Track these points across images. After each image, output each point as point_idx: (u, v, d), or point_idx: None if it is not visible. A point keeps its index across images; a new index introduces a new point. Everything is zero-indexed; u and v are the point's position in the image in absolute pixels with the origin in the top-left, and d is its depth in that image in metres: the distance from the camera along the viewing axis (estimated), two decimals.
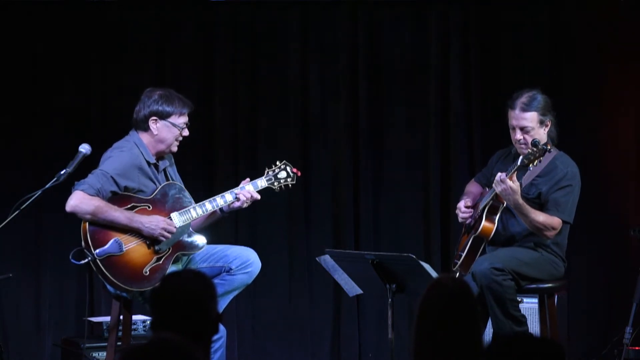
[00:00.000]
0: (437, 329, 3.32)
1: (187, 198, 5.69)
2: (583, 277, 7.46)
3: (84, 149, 5.59)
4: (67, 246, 5.56)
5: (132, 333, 5.88)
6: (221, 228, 6.83)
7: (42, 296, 7.16)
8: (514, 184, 5.61)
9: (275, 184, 5.87)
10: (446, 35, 7.55)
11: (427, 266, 5.25)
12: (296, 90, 7.47)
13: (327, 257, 5.54)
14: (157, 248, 5.55)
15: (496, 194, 5.75)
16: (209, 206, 5.68)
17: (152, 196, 5.61)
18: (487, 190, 5.98)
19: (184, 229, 5.62)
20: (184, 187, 5.73)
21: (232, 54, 7.42)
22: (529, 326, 5.82)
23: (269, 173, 5.88)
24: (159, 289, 3.41)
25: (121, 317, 5.68)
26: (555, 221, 5.74)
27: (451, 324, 3.32)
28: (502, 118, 5.94)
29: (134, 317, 6.05)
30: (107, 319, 6.07)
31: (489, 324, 5.69)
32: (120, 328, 5.69)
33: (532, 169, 5.67)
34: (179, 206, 5.65)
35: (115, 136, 5.82)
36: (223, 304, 5.57)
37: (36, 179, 6.50)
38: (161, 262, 5.55)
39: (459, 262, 5.88)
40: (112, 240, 5.46)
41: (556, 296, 5.95)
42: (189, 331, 3.20)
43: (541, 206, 5.78)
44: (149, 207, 5.58)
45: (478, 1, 7.55)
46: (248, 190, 5.73)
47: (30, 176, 6.95)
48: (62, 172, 5.50)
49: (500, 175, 5.64)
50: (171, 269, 5.54)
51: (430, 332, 3.33)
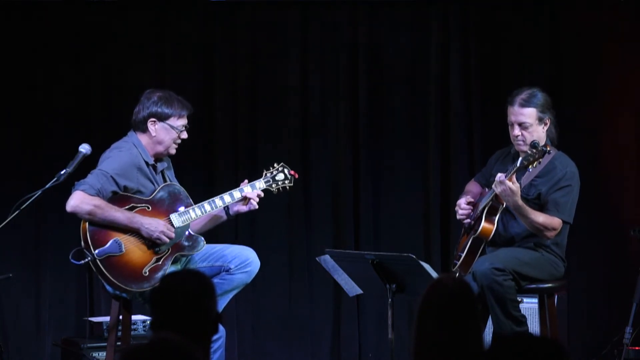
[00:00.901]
0: (437, 329, 3.32)
1: (187, 199, 5.69)
2: (583, 277, 7.46)
3: (84, 149, 5.59)
4: (67, 246, 5.56)
5: (132, 333, 5.88)
6: (221, 228, 6.80)
7: (42, 296, 7.16)
8: (513, 185, 5.60)
9: (274, 186, 5.87)
10: (446, 35, 7.54)
11: (427, 266, 5.25)
12: (296, 90, 7.47)
13: (327, 257, 5.54)
14: (156, 249, 5.55)
15: (496, 194, 5.75)
16: (208, 207, 5.68)
17: (152, 197, 5.61)
18: (487, 190, 5.97)
19: (183, 229, 5.62)
20: (183, 188, 5.72)
21: (232, 54, 7.41)
22: (529, 326, 5.81)
23: (267, 175, 5.88)
24: (158, 289, 3.42)
25: (121, 317, 5.68)
26: (555, 221, 5.73)
27: (451, 324, 3.31)
28: (502, 118, 5.94)
29: (134, 317, 6.05)
30: (107, 319, 6.06)
31: (489, 323, 5.70)
32: (120, 328, 5.69)
33: (531, 170, 5.67)
34: (178, 207, 5.65)
35: (115, 136, 5.82)
36: (222, 303, 5.57)
37: (36, 179, 6.50)
38: (160, 263, 5.54)
39: (459, 262, 5.87)
40: (111, 241, 5.46)
41: (556, 296, 5.95)
42: (188, 331, 3.20)
43: (541, 207, 5.77)
44: (148, 208, 5.57)
45: (478, 1, 7.55)
46: (254, 192, 5.72)
47: (30, 176, 6.95)
48: (62, 172, 5.50)
49: (499, 176, 5.63)
50: (170, 269, 5.54)
51: (430, 332, 3.33)
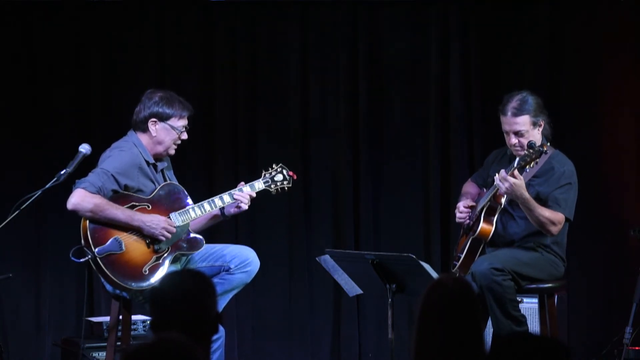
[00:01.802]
0: (437, 329, 3.31)
1: (186, 198, 5.69)
2: (583, 277, 7.46)
3: (84, 149, 5.59)
4: (67, 246, 5.55)
5: (132, 333, 5.89)
6: (221, 228, 6.83)
7: (42, 296, 7.16)
8: (517, 179, 5.60)
9: (272, 186, 5.87)
10: (446, 35, 7.54)
11: (427, 266, 5.24)
12: (296, 90, 7.47)
13: (327, 257, 5.54)
14: (156, 247, 5.55)
15: (493, 195, 5.75)
16: (207, 207, 5.68)
17: (152, 196, 5.61)
18: (485, 190, 5.97)
19: (183, 229, 5.62)
20: (182, 188, 5.73)
21: (232, 54, 7.41)
22: (529, 326, 5.81)
23: (266, 175, 5.88)
24: (158, 288, 3.41)
25: (121, 317, 5.68)
26: (559, 216, 5.74)
27: (452, 324, 3.31)
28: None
29: (134, 317, 6.05)
30: (107, 319, 6.06)
31: (489, 323, 5.69)
32: (120, 328, 5.69)
33: (528, 170, 5.67)
34: (178, 206, 5.65)
35: (115, 136, 5.82)
36: (222, 303, 5.56)
37: (36, 179, 6.50)
38: (160, 261, 5.55)
39: (458, 263, 5.87)
40: (112, 239, 5.46)
41: (556, 296, 5.95)
42: (188, 331, 3.19)
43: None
44: (148, 207, 5.57)
45: (478, 1, 7.55)
46: (246, 192, 5.73)
47: (30, 176, 6.95)
48: (62, 172, 5.50)
49: (502, 173, 5.62)
50: (170, 268, 5.54)
51: (430, 332, 3.32)
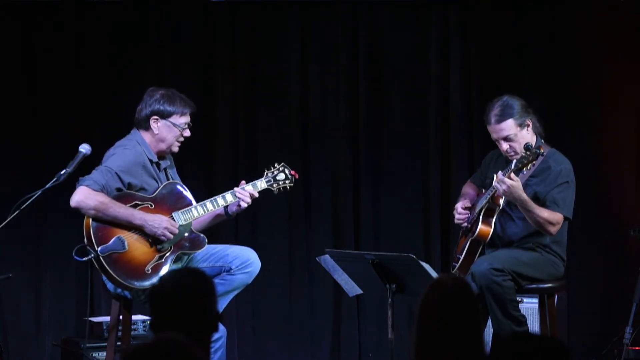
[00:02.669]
0: (437, 328, 3.32)
1: (189, 197, 5.69)
2: (583, 277, 7.46)
3: (84, 149, 5.59)
4: (67, 246, 5.55)
5: (132, 333, 5.89)
6: (221, 228, 6.83)
7: (42, 296, 7.16)
8: (515, 181, 5.60)
9: (275, 185, 5.87)
10: (446, 36, 7.54)
11: (427, 266, 5.24)
12: (296, 90, 7.47)
13: (327, 257, 5.53)
14: (159, 246, 5.55)
15: (491, 196, 5.75)
16: (210, 206, 5.68)
17: (155, 195, 5.61)
18: (483, 191, 5.98)
19: (185, 228, 5.62)
20: (185, 187, 5.73)
21: (232, 54, 7.41)
22: (529, 326, 5.81)
23: (268, 175, 5.88)
24: (158, 287, 3.41)
25: (121, 317, 5.68)
26: (557, 216, 5.74)
27: (452, 324, 3.32)
28: None
29: (134, 317, 6.05)
30: (107, 319, 6.06)
31: (489, 323, 5.69)
32: (120, 328, 5.69)
33: (525, 172, 5.68)
34: (180, 205, 5.65)
35: (116, 136, 5.82)
36: (223, 303, 5.56)
37: (36, 179, 6.50)
38: (163, 261, 5.55)
39: (458, 264, 5.87)
40: (115, 238, 5.46)
41: (556, 296, 5.95)
42: (188, 330, 3.19)
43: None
44: (151, 206, 5.57)
45: (478, 1, 7.55)
46: (248, 190, 5.72)
47: (30, 176, 6.95)
48: (62, 172, 5.50)
49: (499, 175, 5.63)
50: (172, 267, 5.54)
51: (430, 332, 3.33)
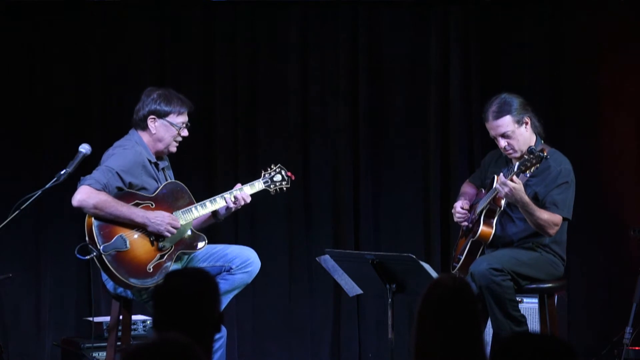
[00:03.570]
0: (437, 328, 3.31)
1: (189, 197, 5.70)
2: (583, 277, 7.46)
3: (84, 149, 5.59)
4: (67, 246, 5.56)
5: (132, 333, 5.89)
6: (221, 228, 6.84)
7: (42, 296, 7.15)
8: (517, 184, 5.60)
9: (272, 186, 5.88)
10: (446, 36, 7.54)
11: (427, 266, 5.25)
12: (296, 90, 7.47)
13: (327, 257, 5.54)
14: (160, 245, 5.55)
15: (493, 198, 5.76)
16: (209, 205, 5.69)
17: (155, 194, 5.61)
18: (483, 191, 5.98)
19: (185, 227, 5.63)
20: (185, 187, 5.73)
21: (232, 54, 7.41)
22: (529, 326, 5.81)
23: (265, 175, 5.88)
24: (161, 287, 3.40)
25: (121, 317, 5.68)
26: (557, 218, 5.75)
27: (451, 324, 3.31)
28: None
29: (134, 317, 6.05)
30: (107, 319, 6.06)
31: (489, 323, 5.69)
32: (120, 328, 5.69)
33: (528, 175, 5.68)
34: (181, 205, 5.65)
35: (116, 136, 5.82)
36: (223, 303, 5.56)
37: (36, 179, 6.50)
38: (164, 260, 5.55)
39: (458, 265, 5.87)
40: (117, 236, 5.46)
41: (556, 296, 5.95)
42: (190, 330, 3.19)
43: (539, 207, 5.77)
44: (152, 205, 5.58)
45: (478, 1, 7.55)
46: (242, 195, 5.73)
47: (30, 176, 6.95)
48: (62, 172, 5.50)
49: (501, 177, 5.62)
50: (173, 267, 5.54)
51: (430, 332, 3.32)
